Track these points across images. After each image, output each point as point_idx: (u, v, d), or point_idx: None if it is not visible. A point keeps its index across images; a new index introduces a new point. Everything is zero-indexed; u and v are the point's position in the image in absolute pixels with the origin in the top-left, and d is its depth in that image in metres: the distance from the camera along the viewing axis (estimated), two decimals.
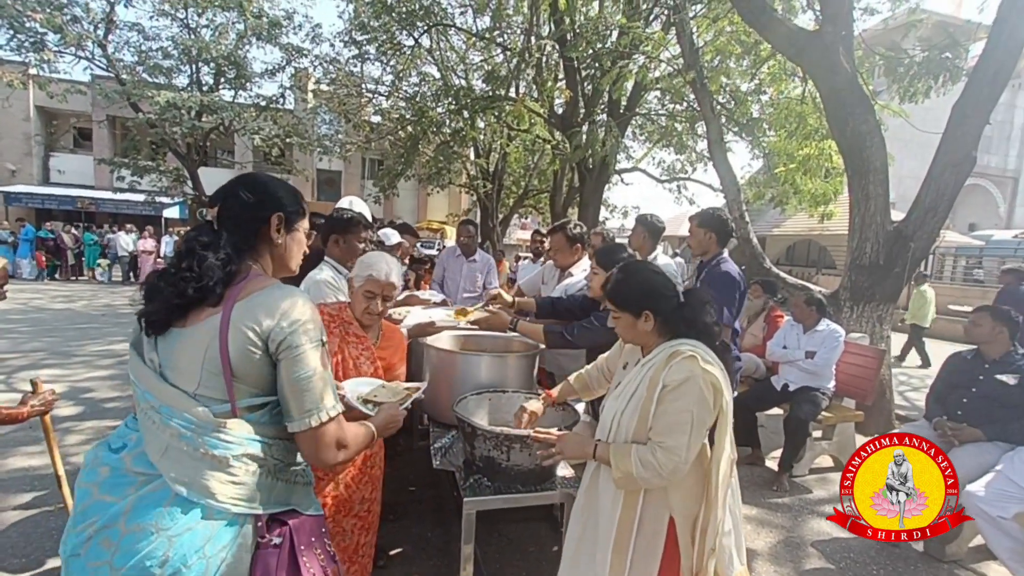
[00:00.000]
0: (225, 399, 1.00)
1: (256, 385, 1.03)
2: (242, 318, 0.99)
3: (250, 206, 1.10)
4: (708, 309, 1.46)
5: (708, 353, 1.39)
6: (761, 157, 9.46)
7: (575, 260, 2.97)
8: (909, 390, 6.42)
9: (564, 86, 8.57)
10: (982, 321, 2.81)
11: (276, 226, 1.12)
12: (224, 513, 0.97)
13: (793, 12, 6.53)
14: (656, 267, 1.52)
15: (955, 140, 3.88)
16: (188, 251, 1.03)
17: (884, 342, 4.24)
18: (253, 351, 1.00)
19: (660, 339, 1.46)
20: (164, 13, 13.79)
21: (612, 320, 1.53)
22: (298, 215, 1.17)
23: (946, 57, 4.93)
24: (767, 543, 2.85)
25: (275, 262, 1.15)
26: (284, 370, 1.02)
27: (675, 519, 1.40)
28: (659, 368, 1.38)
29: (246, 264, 1.08)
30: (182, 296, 0.99)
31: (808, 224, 11.69)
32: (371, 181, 17.05)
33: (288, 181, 1.24)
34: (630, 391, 1.44)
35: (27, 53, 12.68)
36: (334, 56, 12.24)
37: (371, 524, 1.91)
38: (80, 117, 19.54)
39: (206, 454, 0.97)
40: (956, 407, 2.82)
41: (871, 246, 4.16)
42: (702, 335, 1.43)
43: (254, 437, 1.03)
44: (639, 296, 1.45)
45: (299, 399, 1.03)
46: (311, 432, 1.04)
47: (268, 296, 1.02)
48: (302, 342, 1.01)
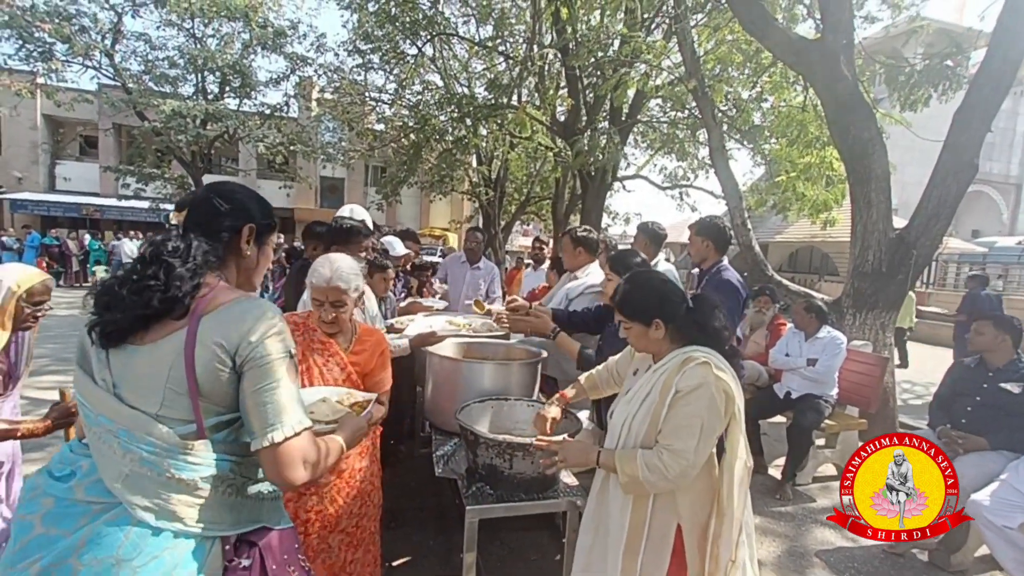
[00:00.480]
0: (190, 419, 0.94)
1: (223, 403, 0.97)
2: (210, 334, 0.93)
3: (222, 214, 1.05)
4: (717, 314, 1.47)
5: (721, 360, 1.39)
6: (763, 164, 9.47)
7: (580, 263, 2.99)
8: (913, 398, 6.38)
9: (566, 94, 8.62)
10: (984, 330, 2.80)
11: (247, 237, 1.08)
12: (192, 537, 0.93)
13: (794, 20, 6.58)
14: (663, 275, 1.52)
15: (957, 147, 3.89)
16: (154, 257, 0.96)
17: (887, 350, 4.22)
18: (221, 369, 0.94)
19: (672, 346, 1.47)
20: (171, 23, 13.98)
21: (623, 331, 1.53)
22: (269, 228, 1.14)
23: (947, 65, 4.95)
24: (771, 552, 2.83)
25: (240, 275, 1.10)
26: (247, 382, 0.95)
27: (682, 526, 1.40)
28: (672, 373, 1.38)
29: (213, 276, 1.02)
30: (147, 307, 0.92)
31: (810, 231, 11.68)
32: (374, 188, 17.14)
33: (292, 188, 1.24)
34: (641, 396, 1.44)
35: (35, 63, 12.85)
36: (338, 65, 12.35)
37: (361, 540, 1.85)
38: (86, 125, 19.76)
39: (172, 478, 0.91)
40: (960, 415, 2.80)
41: (873, 253, 4.15)
42: (712, 340, 1.43)
43: (223, 457, 0.97)
44: (648, 305, 1.45)
45: (261, 413, 0.95)
46: (273, 449, 0.95)
47: (236, 309, 0.96)
48: (268, 353, 0.95)
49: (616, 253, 2.66)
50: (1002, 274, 12.43)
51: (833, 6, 4.12)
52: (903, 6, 6.72)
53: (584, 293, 2.84)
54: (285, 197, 19.92)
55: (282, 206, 21.68)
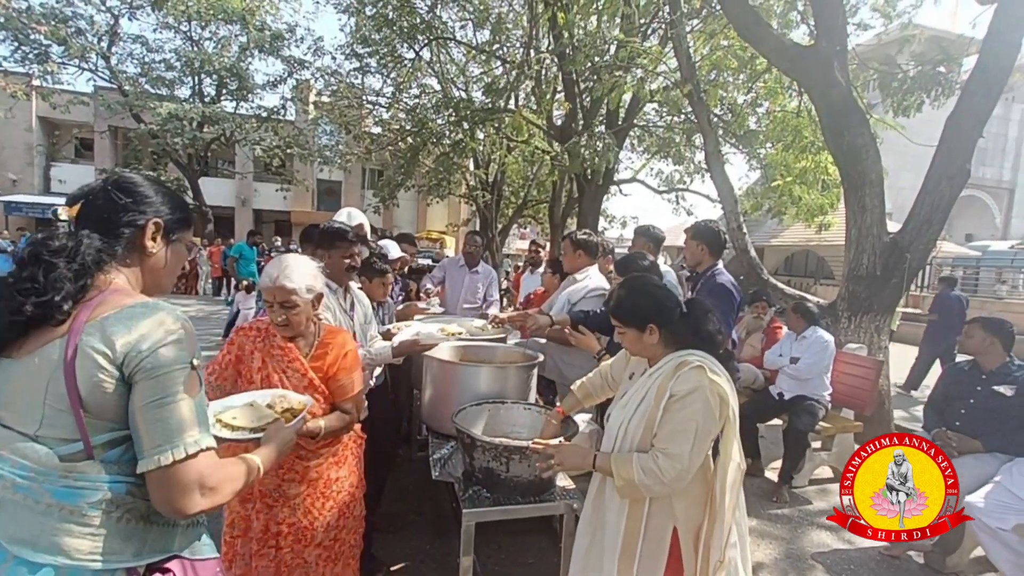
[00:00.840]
0: (75, 438, 0.82)
1: (114, 419, 0.85)
2: (92, 341, 0.82)
3: (121, 208, 0.93)
4: (711, 318, 1.48)
5: (715, 363, 1.41)
6: (758, 169, 9.54)
7: (580, 266, 3.02)
8: (908, 401, 6.41)
9: (563, 98, 8.67)
10: (973, 332, 2.82)
11: (152, 233, 0.96)
12: (82, 571, 0.82)
13: (788, 27, 6.64)
14: (657, 280, 1.53)
15: (949, 153, 3.93)
16: (33, 257, 0.85)
17: (882, 353, 4.25)
18: (106, 381, 0.82)
19: (666, 350, 1.48)
20: (168, 26, 14.00)
21: (617, 335, 1.54)
22: (181, 224, 1.01)
23: (939, 71, 5.01)
24: (767, 555, 2.84)
25: (147, 276, 0.98)
26: (137, 395, 0.84)
27: (678, 529, 1.40)
28: (666, 378, 1.39)
29: (106, 277, 0.90)
30: (17, 312, 0.81)
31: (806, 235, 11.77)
32: (371, 191, 17.14)
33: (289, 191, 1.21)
34: (637, 400, 1.45)
35: (31, 65, 12.83)
36: (335, 68, 12.37)
37: (339, 555, 1.78)
38: (82, 128, 19.69)
39: (52, 505, 0.81)
40: (955, 418, 2.82)
41: (868, 257, 4.18)
42: (706, 343, 1.44)
43: (118, 478, 0.85)
44: (642, 310, 1.46)
45: (151, 431, 0.84)
46: (161, 472, 0.83)
47: (126, 314, 0.85)
48: (162, 363, 0.84)
49: (624, 258, 2.68)
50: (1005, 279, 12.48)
51: (826, 13, 4.17)
52: (895, 14, 6.80)
53: (587, 296, 2.86)
54: (282, 200, 19.94)
55: (279, 208, 21.71)
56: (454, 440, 2.23)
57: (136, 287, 0.95)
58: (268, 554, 1.66)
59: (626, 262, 2.62)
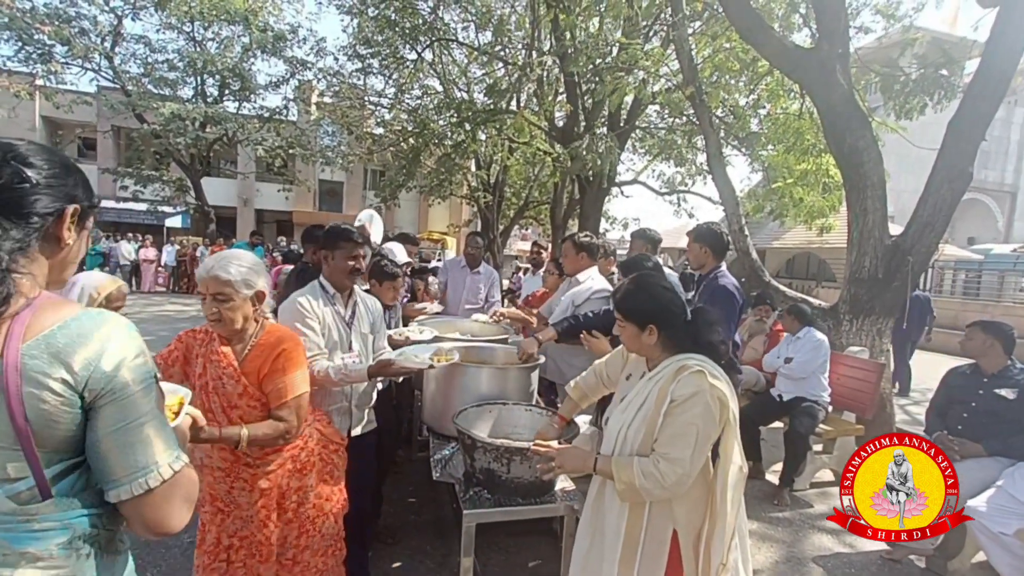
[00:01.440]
0: (23, 475, 0.71)
1: (65, 448, 0.75)
2: (40, 365, 0.69)
3: (34, 190, 0.75)
4: (716, 328, 1.48)
5: (715, 367, 1.40)
6: (760, 171, 9.54)
7: (581, 267, 3.02)
8: (910, 404, 6.39)
9: (564, 100, 8.68)
10: (973, 335, 2.82)
11: (70, 222, 0.80)
12: None
13: (790, 29, 6.65)
14: (668, 283, 1.53)
15: (951, 156, 3.92)
16: None
17: (884, 356, 4.24)
18: (65, 410, 0.71)
19: (664, 353, 1.47)
20: (171, 26, 14.04)
21: (617, 328, 1.54)
22: (92, 208, 0.86)
23: (941, 74, 5.01)
24: (768, 558, 2.83)
25: (53, 270, 0.81)
26: (102, 421, 0.74)
27: (678, 532, 1.40)
28: (667, 382, 1.39)
29: (27, 282, 0.75)
30: None
31: (807, 237, 11.75)
32: (373, 192, 17.18)
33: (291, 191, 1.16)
34: (637, 404, 1.45)
35: (35, 64, 12.87)
36: (337, 69, 12.40)
37: None
38: (85, 127, 19.76)
39: (11, 554, 0.70)
40: (957, 422, 2.81)
41: (870, 260, 4.18)
42: (708, 353, 1.44)
43: (80, 512, 0.76)
44: (646, 310, 1.46)
45: (127, 455, 0.75)
46: (147, 497, 0.76)
47: (74, 329, 0.72)
48: (130, 382, 0.75)
49: (629, 260, 2.68)
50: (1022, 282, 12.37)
51: (828, 16, 4.17)
52: (896, 16, 6.81)
53: (591, 298, 2.86)
54: (284, 200, 19.96)
55: (281, 209, 21.75)
56: (455, 441, 2.23)
57: (40, 285, 0.78)
58: (218, 568, 1.57)
59: (631, 264, 2.62)
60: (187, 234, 19.05)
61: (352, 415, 2.11)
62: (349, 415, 2.11)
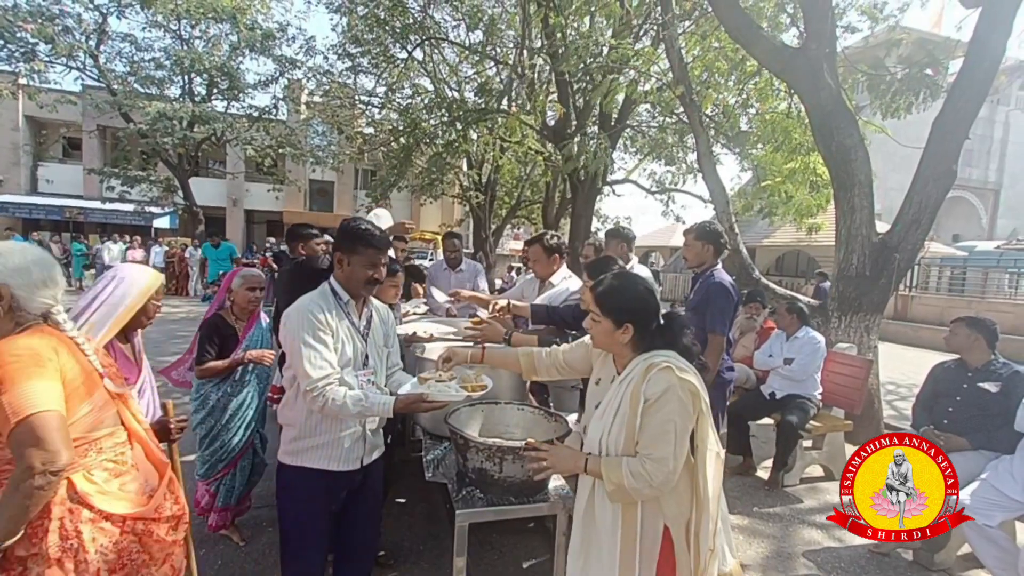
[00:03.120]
0: None
1: None
2: None
3: None
4: (686, 333, 1.50)
5: (680, 360, 1.43)
6: (749, 170, 9.62)
7: (553, 270, 3.01)
8: (897, 399, 6.49)
9: (556, 99, 8.69)
10: (957, 330, 2.87)
11: None
12: None
13: (778, 29, 6.71)
14: (649, 284, 1.54)
15: (936, 154, 3.99)
16: None
17: (871, 352, 4.30)
18: None
19: (632, 353, 1.49)
20: (157, 24, 13.86)
21: (589, 321, 1.53)
22: None
23: (926, 74, 5.08)
24: (758, 552, 2.86)
25: None
26: None
27: (669, 527, 1.42)
28: (638, 382, 1.41)
29: None
30: None
31: (797, 235, 11.88)
32: (364, 191, 17.08)
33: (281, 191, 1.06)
34: (612, 409, 1.46)
35: (17, 63, 12.64)
36: (327, 68, 12.31)
37: None
38: (70, 127, 19.44)
39: None
40: (942, 416, 2.86)
41: (857, 257, 4.23)
42: (683, 355, 1.46)
43: None
44: (627, 307, 1.47)
45: None
46: None
47: None
48: None
49: (593, 261, 2.67)
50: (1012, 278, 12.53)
51: (815, 16, 4.22)
52: (882, 17, 6.89)
53: (569, 301, 2.84)
54: (274, 200, 19.79)
55: (271, 209, 21.55)
56: (447, 441, 2.22)
57: None
58: None
59: (597, 267, 2.57)
60: (175, 235, 18.83)
61: (367, 441, 1.82)
62: (363, 441, 1.81)
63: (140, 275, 1.81)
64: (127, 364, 1.81)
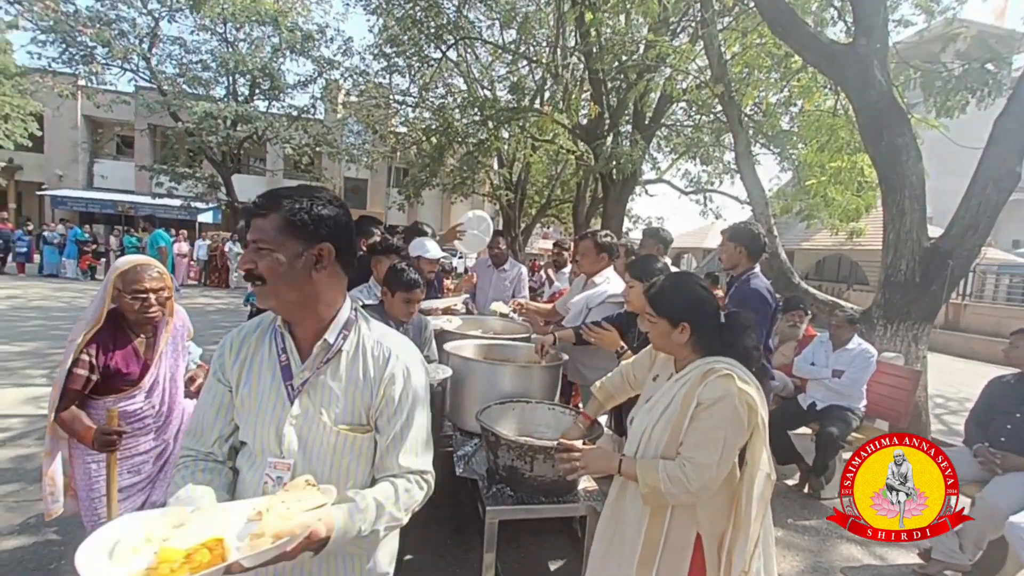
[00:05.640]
0: None
1: None
2: None
3: None
4: (750, 333, 1.44)
5: (744, 372, 1.37)
6: (790, 170, 9.29)
7: (600, 268, 2.97)
8: (946, 413, 6.15)
9: (589, 98, 8.62)
10: (1019, 343, 2.70)
11: None
12: None
13: (824, 24, 6.43)
14: (703, 282, 1.50)
15: (998, 155, 3.75)
16: None
17: (920, 363, 4.09)
18: None
19: (694, 355, 1.45)
20: (204, 28, 14.47)
21: (646, 324, 1.50)
22: None
23: (987, 69, 4.78)
24: (794, 567, 2.76)
25: None
26: None
27: (702, 537, 1.38)
28: (694, 385, 1.37)
29: None
30: None
31: (838, 239, 11.43)
32: (396, 189, 17.37)
33: None
34: (662, 406, 1.43)
35: (77, 65, 13.44)
36: (364, 68, 12.58)
37: None
38: (123, 126, 20.55)
39: None
40: (999, 433, 2.69)
41: (906, 263, 4.03)
42: (741, 358, 1.41)
43: None
44: (681, 307, 1.43)
45: None
46: None
47: None
48: None
49: (637, 259, 2.63)
50: None
51: (866, 10, 4.03)
52: (938, 10, 6.51)
53: (605, 302, 2.80)
54: None
55: None
56: (478, 438, 2.24)
57: None
58: None
59: (641, 264, 2.54)
60: (218, 230, 19.64)
61: None
62: None
63: (115, 265, 1.76)
64: (130, 359, 1.77)
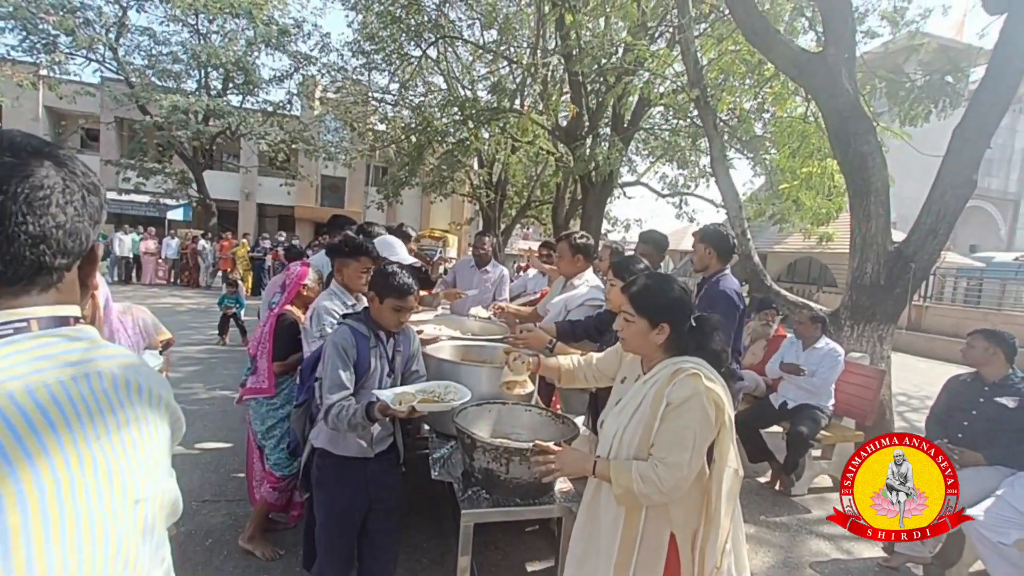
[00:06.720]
0: None
1: None
2: None
3: None
4: (717, 336, 1.47)
5: (710, 370, 1.40)
6: (763, 174, 9.52)
7: (578, 270, 2.97)
8: (909, 411, 6.39)
9: (569, 99, 8.67)
10: (975, 343, 2.82)
11: None
12: None
13: (795, 33, 6.62)
14: (684, 284, 1.52)
15: (956, 163, 3.91)
16: None
17: (884, 362, 4.23)
18: None
19: (664, 355, 1.46)
20: (175, 19, 14.02)
21: (622, 322, 1.50)
22: None
23: (947, 81, 4.99)
24: (765, 562, 2.82)
25: None
26: None
27: (676, 535, 1.40)
28: (662, 385, 1.38)
29: None
30: None
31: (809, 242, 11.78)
32: (375, 188, 17.14)
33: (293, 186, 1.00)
34: (632, 408, 1.44)
35: (39, 54, 12.85)
36: (342, 65, 12.38)
37: None
38: (88, 118, 19.70)
39: None
40: (957, 430, 2.81)
41: (872, 266, 4.17)
42: (710, 359, 1.43)
43: None
44: (662, 306, 1.44)
45: None
46: None
47: None
48: None
49: (620, 260, 2.66)
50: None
51: (835, 20, 4.16)
52: (903, 22, 6.78)
53: (583, 304, 2.81)
54: (286, 195, 19.92)
55: (283, 203, 21.70)
56: (454, 440, 2.22)
57: None
58: None
59: (624, 265, 2.57)
60: (188, 227, 19.05)
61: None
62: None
63: None
64: None
